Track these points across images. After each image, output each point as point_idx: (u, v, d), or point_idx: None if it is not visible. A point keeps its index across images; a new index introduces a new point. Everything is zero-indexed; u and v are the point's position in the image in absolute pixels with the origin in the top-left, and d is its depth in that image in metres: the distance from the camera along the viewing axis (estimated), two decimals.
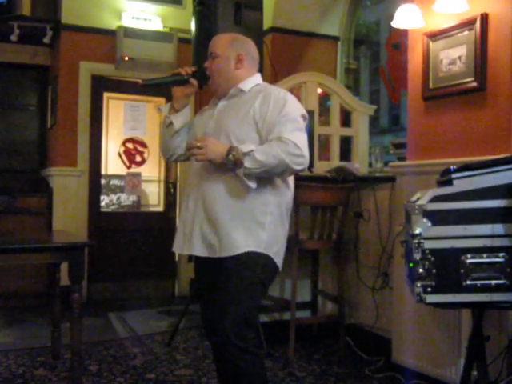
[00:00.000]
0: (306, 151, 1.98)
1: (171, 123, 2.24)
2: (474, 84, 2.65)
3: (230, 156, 1.93)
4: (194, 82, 2.18)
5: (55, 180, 4.98)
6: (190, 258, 2.22)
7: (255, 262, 2.03)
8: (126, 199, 5.56)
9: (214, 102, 2.25)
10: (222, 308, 2.01)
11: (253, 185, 1.98)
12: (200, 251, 2.08)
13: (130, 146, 5.48)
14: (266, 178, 2.03)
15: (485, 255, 1.79)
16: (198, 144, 1.98)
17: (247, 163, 1.93)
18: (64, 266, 3.01)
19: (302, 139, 1.99)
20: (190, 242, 2.10)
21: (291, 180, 2.18)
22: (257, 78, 2.21)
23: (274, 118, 2.01)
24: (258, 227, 2.03)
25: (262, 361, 2.08)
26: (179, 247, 2.17)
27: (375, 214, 3.52)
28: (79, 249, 2.83)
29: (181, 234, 2.17)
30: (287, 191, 2.14)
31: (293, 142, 1.94)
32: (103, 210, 5.39)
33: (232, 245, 2.01)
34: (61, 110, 4.98)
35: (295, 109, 2.06)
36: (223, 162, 1.96)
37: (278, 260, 2.11)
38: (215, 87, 2.19)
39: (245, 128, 2.05)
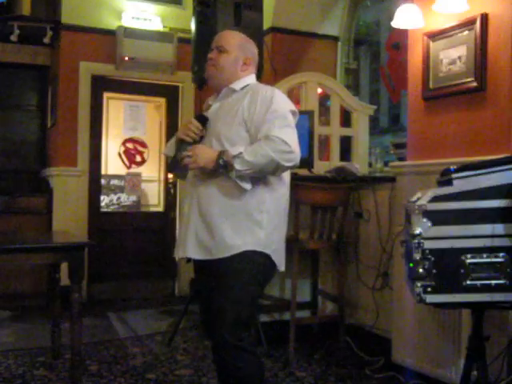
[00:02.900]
0: (295, 147, 1.98)
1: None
2: (474, 84, 2.65)
3: (221, 160, 1.96)
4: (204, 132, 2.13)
5: (55, 180, 4.98)
6: (189, 259, 2.22)
7: (252, 261, 2.02)
8: (126, 199, 5.56)
9: (207, 105, 2.26)
10: (218, 308, 2.01)
11: (247, 186, 1.99)
12: (195, 254, 2.09)
13: (129, 146, 5.48)
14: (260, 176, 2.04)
15: (485, 255, 1.79)
16: (189, 153, 2.02)
17: (238, 165, 1.94)
18: (64, 266, 3.01)
19: (290, 135, 1.99)
20: (184, 245, 2.11)
21: (286, 175, 2.17)
22: (250, 78, 2.21)
23: (261, 116, 2.01)
24: (255, 226, 2.04)
25: (259, 360, 2.08)
26: (176, 252, 2.18)
27: (375, 214, 3.52)
28: (79, 249, 2.83)
29: (178, 239, 2.19)
30: (282, 187, 2.14)
31: (281, 138, 1.94)
32: (103, 210, 5.38)
33: (228, 245, 2.01)
34: (61, 110, 4.98)
35: (283, 105, 2.06)
36: (215, 168, 1.98)
37: (277, 258, 2.11)
38: (214, 78, 2.19)
39: (235, 129, 2.06)
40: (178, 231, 2.23)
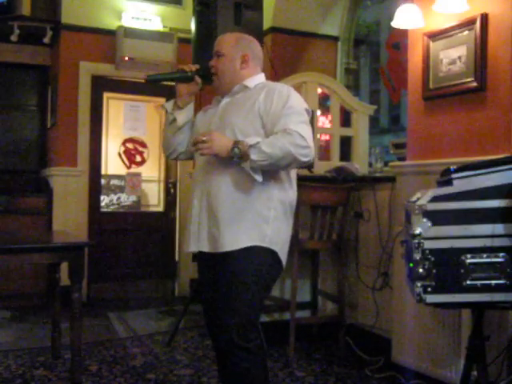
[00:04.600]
0: (311, 143, 1.98)
1: (174, 120, 2.24)
2: (474, 84, 2.65)
3: (236, 149, 1.92)
4: (198, 80, 2.20)
5: (55, 180, 4.98)
6: (195, 257, 2.20)
7: (259, 257, 2.01)
8: (126, 199, 5.56)
9: (217, 99, 2.26)
10: (225, 306, 2.00)
11: (259, 178, 1.97)
12: (206, 247, 2.07)
13: (129, 146, 5.48)
14: (271, 173, 2.03)
15: (485, 255, 1.79)
16: (204, 138, 1.96)
17: (254, 155, 1.91)
18: (64, 266, 3.01)
19: (307, 131, 1.99)
20: (197, 239, 2.09)
21: (294, 178, 2.18)
22: (261, 77, 2.23)
23: (278, 110, 2.02)
24: (262, 221, 2.03)
25: (264, 361, 2.07)
26: (187, 245, 2.15)
27: (375, 214, 3.52)
28: (79, 249, 2.83)
29: (188, 231, 2.15)
30: (291, 188, 2.15)
31: (298, 133, 1.94)
32: (103, 210, 5.38)
33: (235, 239, 2.00)
34: (61, 109, 4.98)
35: (299, 103, 2.08)
36: (229, 156, 1.95)
37: (283, 256, 2.10)
38: (220, 85, 2.20)
39: (250, 122, 2.05)
40: (188, 223, 2.15)
